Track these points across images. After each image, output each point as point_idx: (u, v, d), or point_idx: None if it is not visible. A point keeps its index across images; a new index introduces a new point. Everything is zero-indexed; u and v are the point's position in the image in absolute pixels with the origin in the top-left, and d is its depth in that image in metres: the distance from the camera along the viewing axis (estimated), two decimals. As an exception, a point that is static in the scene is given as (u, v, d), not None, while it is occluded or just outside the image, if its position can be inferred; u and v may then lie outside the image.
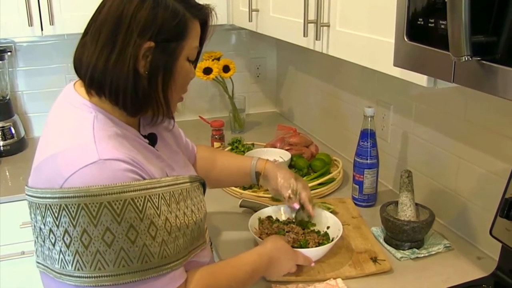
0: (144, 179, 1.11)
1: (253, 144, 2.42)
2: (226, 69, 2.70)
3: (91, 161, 1.05)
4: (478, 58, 0.91)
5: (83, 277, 1.07)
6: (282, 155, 2.22)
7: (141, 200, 1.08)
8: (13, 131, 2.55)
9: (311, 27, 1.63)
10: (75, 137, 1.11)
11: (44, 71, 2.71)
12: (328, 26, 1.59)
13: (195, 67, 1.32)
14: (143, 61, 1.13)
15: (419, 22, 1.04)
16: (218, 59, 2.73)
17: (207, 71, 2.63)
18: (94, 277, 1.07)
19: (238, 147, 2.33)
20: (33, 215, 1.14)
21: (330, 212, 1.79)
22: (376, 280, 1.35)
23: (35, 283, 2.05)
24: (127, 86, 1.13)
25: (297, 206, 1.60)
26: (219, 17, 2.43)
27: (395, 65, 1.16)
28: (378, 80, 2.08)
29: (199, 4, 1.24)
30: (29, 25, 2.22)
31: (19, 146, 2.56)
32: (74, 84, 1.23)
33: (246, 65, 3.09)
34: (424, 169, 1.85)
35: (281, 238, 1.48)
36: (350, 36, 1.49)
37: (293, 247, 1.47)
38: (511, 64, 0.86)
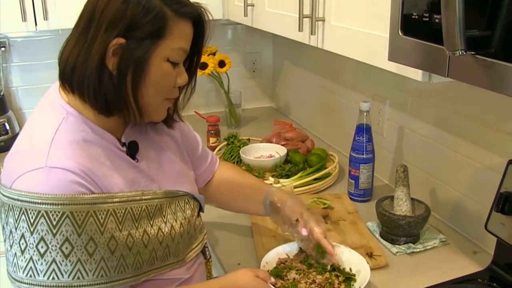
0: (93, 193, 1.06)
1: (248, 139, 2.41)
2: (221, 64, 2.70)
3: (37, 167, 1.02)
4: (473, 53, 0.91)
5: (18, 281, 1.05)
6: (278, 150, 2.22)
7: (82, 215, 1.03)
8: (7, 127, 2.54)
9: (306, 21, 1.63)
10: (35, 139, 1.09)
11: (38, 67, 2.69)
12: (323, 20, 1.58)
13: (194, 72, 1.26)
14: (113, 58, 1.07)
15: (413, 17, 1.04)
16: (214, 54, 2.72)
17: (203, 66, 2.63)
18: (26, 283, 1.04)
19: (234, 142, 2.33)
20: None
21: (326, 207, 1.80)
22: (372, 275, 1.35)
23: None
24: (92, 83, 1.08)
25: (304, 232, 1.39)
26: (215, 12, 2.45)
27: (389, 59, 1.16)
28: (373, 75, 2.08)
29: (186, 1, 1.16)
30: (22, 20, 2.21)
31: (14, 142, 2.54)
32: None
33: (242, 60, 3.08)
34: (419, 163, 1.85)
35: (247, 273, 1.28)
36: (345, 31, 1.48)
37: None
38: (505, 58, 0.86)
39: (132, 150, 1.22)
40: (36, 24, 2.26)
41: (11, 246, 1.05)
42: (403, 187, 1.62)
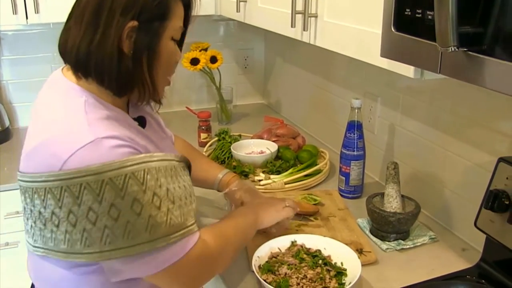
0: (141, 153, 1.12)
1: (240, 135, 2.41)
2: (213, 59, 2.69)
3: (88, 141, 1.05)
4: (465, 49, 0.91)
5: (93, 252, 1.08)
6: (269, 146, 2.22)
7: (141, 173, 1.08)
8: (-3, 120, 2.53)
9: (299, 17, 1.63)
10: (68, 121, 1.11)
11: (29, 60, 2.67)
12: (316, 16, 1.58)
13: (180, 50, 1.33)
14: (127, 41, 1.14)
15: (406, 13, 1.04)
16: (206, 49, 2.72)
17: (194, 61, 2.62)
18: (105, 251, 1.07)
19: (225, 138, 2.32)
20: (28, 200, 1.14)
21: (316, 204, 1.80)
22: (362, 271, 1.35)
23: (19, 273, 2.04)
24: (111, 66, 1.14)
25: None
26: (207, 8, 2.45)
27: (382, 55, 1.16)
28: (365, 72, 2.08)
29: None
30: (13, 13, 2.19)
31: (4, 136, 2.53)
32: (62, 70, 1.23)
33: (233, 56, 3.07)
34: (410, 161, 1.85)
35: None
36: (338, 27, 1.49)
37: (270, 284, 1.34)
38: (497, 55, 0.86)
39: (141, 123, 1.32)
40: (27, 17, 2.23)
41: (74, 226, 1.07)
42: (393, 184, 1.62)
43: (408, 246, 1.59)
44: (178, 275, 1.18)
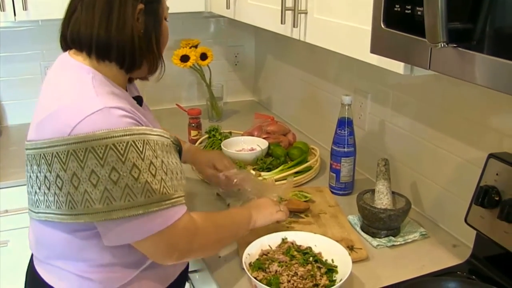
0: (142, 125, 1.22)
1: (230, 133, 2.40)
2: (203, 56, 2.68)
3: (97, 109, 1.15)
4: (454, 45, 0.91)
5: (92, 213, 1.17)
6: (259, 143, 2.21)
7: (140, 143, 1.18)
8: (-15, 118, 2.51)
9: (289, 14, 1.62)
10: (77, 93, 1.21)
11: (18, 58, 2.65)
12: (306, 13, 1.58)
13: None
14: (137, 23, 1.27)
15: (396, 9, 1.04)
16: (196, 46, 2.71)
17: (185, 58, 2.61)
18: (103, 212, 1.16)
19: (216, 135, 2.32)
20: (35, 167, 1.23)
21: (307, 201, 1.80)
22: (353, 268, 1.35)
23: (8, 272, 2.04)
24: (132, 48, 1.27)
25: (222, 176, 1.78)
26: (197, 5, 2.44)
27: (372, 52, 1.16)
28: (355, 69, 2.08)
29: None
30: (1, 10, 2.17)
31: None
32: (68, 53, 1.32)
33: (224, 53, 3.07)
34: (401, 157, 1.85)
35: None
36: (328, 23, 1.48)
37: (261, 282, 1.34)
38: (486, 51, 0.86)
39: (139, 102, 1.42)
40: (15, 14, 2.22)
41: (76, 188, 1.16)
42: (384, 180, 1.63)
43: (399, 243, 1.59)
44: (163, 244, 1.26)
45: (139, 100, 1.43)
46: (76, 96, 1.20)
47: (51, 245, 1.31)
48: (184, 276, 1.54)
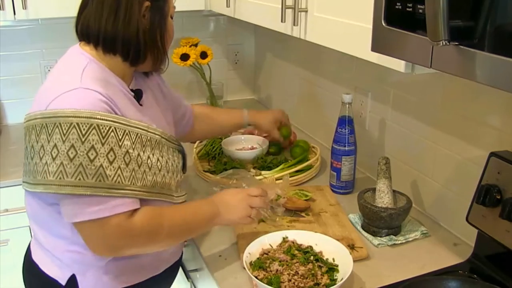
0: (115, 113, 1.28)
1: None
2: (203, 55, 2.68)
3: (73, 88, 1.23)
4: (456, 43, 0.90)
5: (47, 184, 1.23)
6: (259, 142, 2.21)
7: (105, 128, 1.23)
8: (-15, 117, 2.51)
9: (289, 12, 1.62)
10: (67, 73, 1.31)
11: (18, 57, 2.64)
12: (306, 11, 1.57)
13: None
14: (143, 19, 1.33)
15: (397, 7, 1.03)
16: (196, 45, 2.70)
17: (184, 57, 2.61)
18: (55, 185, 1.22)
19: (216, 134, 2.31)
20: (27, 138, 1.30)
21: (308, 200, 1.79)
22: (354, 267, 1.35)
23: (9, 271, 2.03)
24: (137, 42, 1.33)
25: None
26: (197, 3, 2.43)
27: (372, 50, 1.16)
28: (356, 67, 2.08)
29: None
30: (0, 9, 2.17)
31: (-8, 133, 2.51)
32: (79, 44, 1.39)
33: (224, 52, 3.06)
34: (401, 156, 1.85)
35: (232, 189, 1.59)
36: (328, 22, 1.48)
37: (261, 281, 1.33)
38: (488, 49, 0.86)
39: (137, 96, 1.44)
40: (14, 13, 2.21)
41: (41, 158, 1.23)
42: (384, 179, 1.62)
43: (399, 242, 1.58)
44: (95, 235, 1.28)
45: (138, 93, 1.45)
46: (63, 77, 1.30)
47: (38, 216, 1.39)
48: (174, 268, 1.56)
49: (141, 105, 1.44)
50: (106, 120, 1.24)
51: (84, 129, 1.20)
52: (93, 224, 1.25)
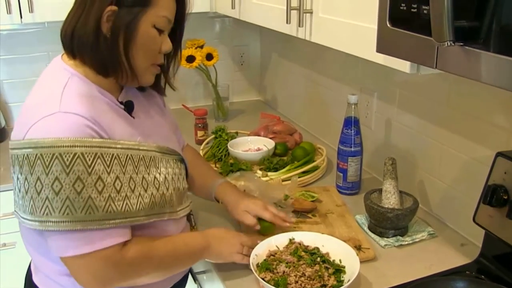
0: (101, 135, 1.19)
1: (236, 133, 2.40)
2: (209, 57, 2.68)
3: (51, 113, 1.14)
4: (461, 43, 0.90)
5: (34, 220, 1.17)
6: (266, 143, 2.21)
7: (91, 156, 1.15)
8: (-8, 120, 2.52)
9: (294, 13, 1.62)
10: (44, 95, 1.21)
11: (25, 60, 2.66)
12: (311, 12, 1.57)
13: (179, 45, 1.42)
14: (107, 24, 1.22)
15: (401, 7, 1.03)
16: (201, 47, 2.71)
17: (190, 59, 2.61)
18: (42, 221, 1.15)
19: (222, 136, 2.31)
20: (11, 168, 1.22)
21: (314, 201, 1.79)
22: (361, 268, 1.35)
23: (17, 274, 2.04)
24: (90, 45, 1.22)
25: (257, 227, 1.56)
26: (202, 5, 2.43)
27: (378, 51, 1.15)
28: (361, 67, 2.07)
29: None
30: (7, 13, 2.18)
31: (0, 136, 2.52)
32: (62, 54, 1.31)
33: (229, 53, 3.06)
34: (407, 156, 1.85)
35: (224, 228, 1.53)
36: (333, 23, 1.48)
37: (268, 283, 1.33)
38: (493, 49, 0.85)
39: (128, 108, 1.36)
40: (21, 17, 2.23)
41: (26, 192, 1.16)
42: (391, 179, 1.62)
43: (406, 242, 1.58)
44: (85, 268, 1.20)
45: (129, 105, 1.36)
46: (42, 97, 1.21)
47: (29, 240, 1.33)
48: (182, 282, 1.53)
49: (133, 117, 1.35)
50: (90, 146, 1.15)
51: (67, 160, 1.12)
52: (81, 258, 1.18)
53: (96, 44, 1.22)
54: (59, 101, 1.16)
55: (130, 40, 1.23)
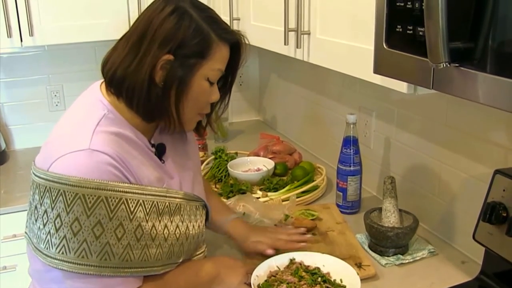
0: (128, 179, 1.16)
1: (236, 153, 2.41)
2: (208, 78, 2.69)
3: (80, 149, 1.11)
4: (456, 64, 0.91)
5: (50, 257, 1.14)
6: (265, 163, 2.22)
7: (115, 201, 1.12)
8: (-7, 143, 2.52)
9: (292, 35, 1.64)
10: (79, 126, 1.18)
11: (25, 83, 2.68)
12: (309, 34, 1.59)
13: (228, 90, 1.40)
14: (161, 72, 1.18)
15: (397, 29, 1.05)
16: (200, 68, 2.72)
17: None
18: (57, 259, 1.13)
19: (222, 156, 2.32)
20: (31, 194, 1.19)
21: (314, 219, 1.80)
22: (362, 287, 1.35)
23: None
24: (141, 92, 1.18)
25: (271, 252, 1.54)
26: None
27: (375, 72, 1.17)
28: (359, 87, 2.09)
29: (228, 28, 1.28)
30: (8, 36, 2.20)
31: (0, 159, 2.53)
32: (102, 82, 1.28)
33: (228, 74, 3.07)
34: (407, 174, 1.85)
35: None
36: (331, 44, 1.49)
37: None
38: (489, 69, 0.87)
39: (159, 151, 1.33)
40: (21, 40, 2.25)
41: (44, 225, 1.14)
42: (391, 198, 1.62)
43: (407, 261, 1.58)
44: None
45: (160, 148, 1.34)
46: (74, 131, 1.18)
47: (38, 271, 1.29)
48: None
49: (163, 161, 1.33)
50: (116, 191, 1.12)
51: (90, 202, 1.10)
52: None
53: (147, 92, 1.19)
54: (90, 138, 1.13)
55: (182, 92, 1.21)
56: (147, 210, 1.19)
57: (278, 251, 1.54)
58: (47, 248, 1.14)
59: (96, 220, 1.11)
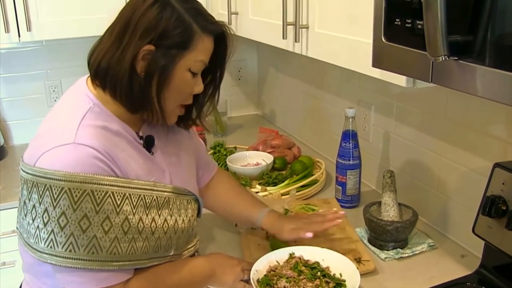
0: (114, 172, 1.16)
1: (235, 148, 2.41)
2: (207, 72, 2.68)
3: (65, 143, 1.11)
4: (455, 58, 0.91)
5: (39, 251, 1.15)
6: (264, 158, 2.21)
7: (101, 194, 1.12)
8: (-9, 139, 2.52)
9: (290, 29, 1.63)
10: (63, 122, 1.18)
11: (23, 78, 2.67)
12: (307, 28, 1.59)
13: (218, 84, 1.37)
14: (142, 62, 1.18)
15: (396, 23, 1.04)
16: (199, 62, 2.71)
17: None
18: (46, 254, 1.14)
19: (221, 151, 2.32)
20: (21, 189, 1.21)
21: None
22: (361, 281, 1.35)
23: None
24: (123, 82, 1.18)
25: (310, 235, 1.52)
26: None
27: (373, 66, 1.16)
28: (358, 81, 2.08)
29: (212, 19, 1.26)
30: (5, 31, 2.19)
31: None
32: (88, 77, 1.28)
33: (227, 68, 3.06)
34: (406, 168, 1.85)
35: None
36: (329, 38, 1.49)
37: None
38: (487, 63, 0.86)
39: (148, 143, 1.32)
40: (19, 35, 2.24)
41: (33, 220, 1.14)
42: (390, 192, 1.62)
43: (407, 255, 1.58)
44: None
45: (149, 140, 1.33)
46: (60, 124, 1.18)
47: (29, 266, 1.31)
48: None
49: (152, 153, 1.32)
50: (101, 184, 1.12)
51: (76, 196, 1.10)
52: None
53: (129, 82, 1.18)
54: (75, 132, 1.13)
55: (164, 83, 1.20)
56: (134, 204, 1.19)
57: (279, 246, 1.54)
58: (36, 243, 1.15)
59: (83, 213, 1.11)
